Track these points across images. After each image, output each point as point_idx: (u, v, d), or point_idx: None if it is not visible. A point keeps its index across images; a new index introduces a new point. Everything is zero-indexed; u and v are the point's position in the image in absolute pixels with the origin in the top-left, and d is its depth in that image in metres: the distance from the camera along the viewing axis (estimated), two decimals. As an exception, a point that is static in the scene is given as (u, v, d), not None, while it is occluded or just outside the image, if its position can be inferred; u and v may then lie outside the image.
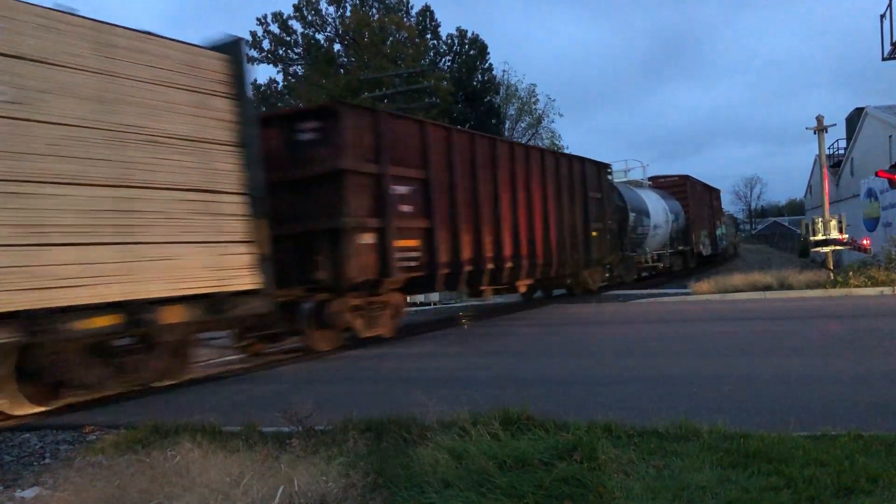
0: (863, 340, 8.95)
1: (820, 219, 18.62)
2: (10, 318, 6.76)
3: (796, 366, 7.44)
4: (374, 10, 43.91)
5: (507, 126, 48.59)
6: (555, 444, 4.29)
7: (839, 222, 18.48)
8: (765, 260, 36.41)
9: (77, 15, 7.63)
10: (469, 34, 46.27)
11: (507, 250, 14.84)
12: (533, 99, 49.60)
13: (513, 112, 49.97)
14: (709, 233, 33.39)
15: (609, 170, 20.97)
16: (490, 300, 18.05)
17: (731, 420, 4.91)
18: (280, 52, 44.13)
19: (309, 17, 43.71)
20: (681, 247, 28.81)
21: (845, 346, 8.57)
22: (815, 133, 19.48)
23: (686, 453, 4.29)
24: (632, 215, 22.44)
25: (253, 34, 43.29)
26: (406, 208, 12.00)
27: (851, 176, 30.91)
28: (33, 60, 7.13)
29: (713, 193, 36.58)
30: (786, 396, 5.98)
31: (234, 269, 8.89)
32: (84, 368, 7.77)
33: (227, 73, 9.09)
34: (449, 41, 46.55)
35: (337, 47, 44.53)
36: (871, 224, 24.11)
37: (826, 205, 19.20)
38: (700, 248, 31.18)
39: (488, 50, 46.39)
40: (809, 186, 43.55)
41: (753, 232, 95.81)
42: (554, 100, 65.32)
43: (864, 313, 12.38)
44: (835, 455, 4.07)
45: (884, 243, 19.63)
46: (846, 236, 18.69)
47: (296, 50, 44.18)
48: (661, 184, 29.75)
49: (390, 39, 40.91)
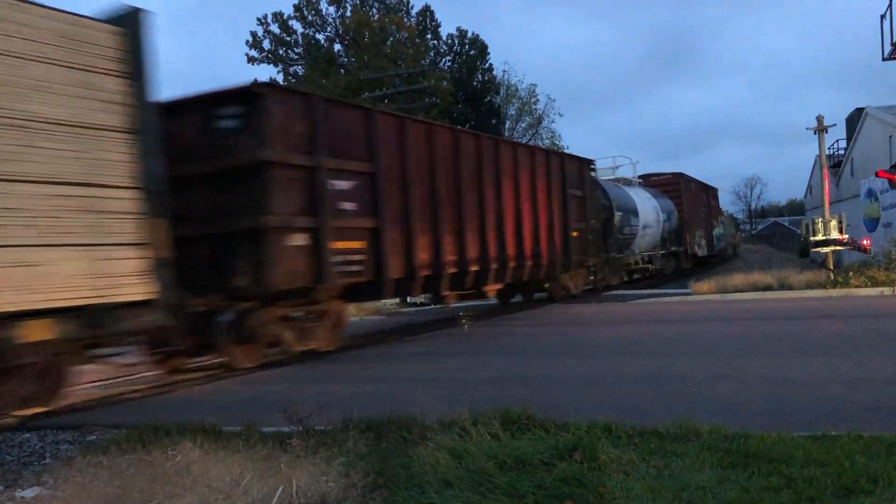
0: (863, 341, 8.96)
1: (820, 219, 18.64)
2: None
3: (796, 366, 7.44)
4: (375, 10, 43.97)
5: (508, 126, 48.64)
6: (555, 444, 4.30)
7: (839, 222, 18.50)
8: (765, 260, 36.43)
9: None
10: (469, 34, 46.38)
11: (473, 252, 13.68)
12: (533, 99, 49.71)
13: (513, 112, 50.06)
14: (705, 233, 32.47)
15: (592, 166, 20.07)
16: (453, 305, 16.47)
17: (731, 420, 4.92)
18: (280, 52, 44.19)
19: (309, 17, 43.77)
20: (673, 248, 27.82)
21: (845, 347, 8.57)
22: (816, 133, 19.51)
23: (686, 453, 4.30)
24: (618, 214, 21.45)
25: (253, 34, 43.39)
26: (348, 206, 10.76)
27: (851, 176, 30.92)
28: None
29: (710, 192, 35.58)
30: (786, 397, 5.99)
31: (120, 277, 7.45)
32: None
33: (122, 49, 7.67)
34: (449, 41, 46.64)
35: (337, 47, 44.61)
36: (872, 224, 24.12)
37: (826, 205, 19.22)
38: (695, 249, 30.19)
39: (488, 50, 46.53)
40: (809, 187, 43.56)
41: (753, 232, 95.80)
42: (554, 100, 65.33)
43: (865, 314, 12.39)
44: (835, 455, 4.07)
45: (884, 243, 19.64)
46: (846, 236, 18.71)
47: (296, 50, 44.24)
48: (654, 182, 28.81)
49: (390, 39, 40.96)
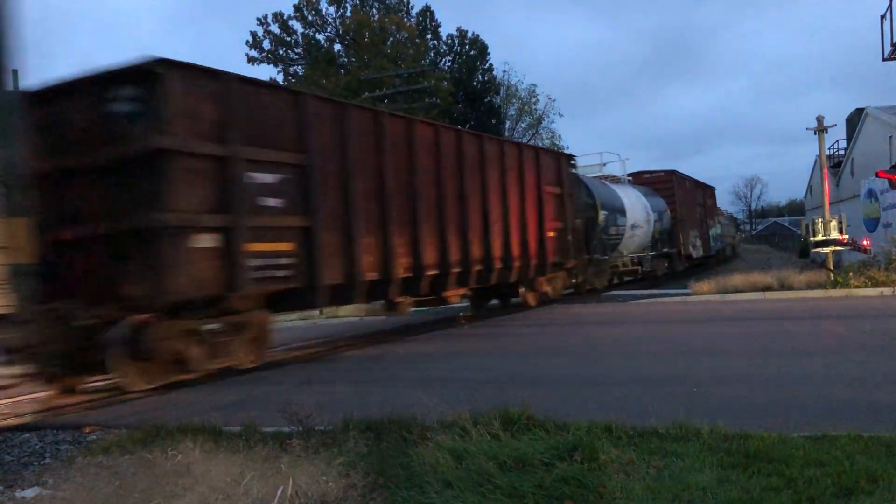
0: (863, 341, 8.96)
1: (820, 219, 18.65)
2: None
3: (796, 366, 7.44)
4: (375, 11, 43.98)
5: (508, 126, 48.65)
6: (555, 445, 4.30)
7: (839, 223, 18.51)
8: (765, 260, 36.34)
9: None
10: (469, 34, 46.38)
11: (430, 254, 12.60)
12: (533, 99, 49.74)
13: (513, 112, 50.09)
14: (700, 233, 31.37)
15: (572, 161, 19.13)
16: (408, 314, 14.83)
17: (732, 420, 4.91)
18: (280, 53, 44.18)
19: (309, 18, 43.77)
20: (665, 249, 26.63)
21: (845, 347, 8.57)
22: (816, 133, 19.53)
23: (686, 454, 4.30)
24: (603, 214, 20.46)
25: (253, 34, 43.39)
26: (272, 202, 9.64)
27: (851, 176, 30.89)
28: None
29: (706, 191, 34.54)
30: (785, 397, 5.99)
31: None
32: None
33: None
34: (449, 41, 46.64)
35: (337, 47, 44.61)
36: (872, 224, 24.11)
37: (826, 205, 19.23)
38: (689, 251, 29.08)
39: (489, 50, 46.53)
40: (810, 187, 43.53)
41: (753, 232, 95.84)
42: (554, 100, 65.02)
43: (865, 314, 12.39)
44: (835, 456, 4.07)
45: (884, 244, 19.64)
46: (846, 237, 18.71)
47: (296, 50, 44.23)
48: (645, 180, 27.70)
49: (390, 40, 40.97)
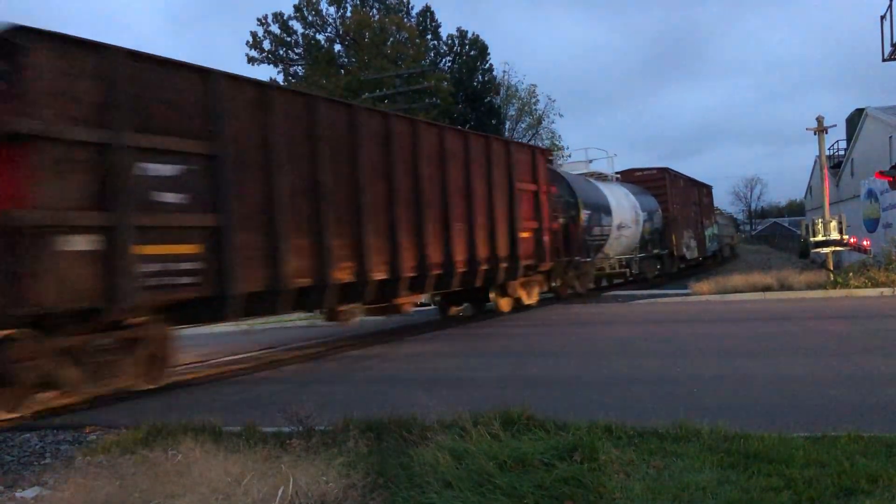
0: (863, 341, 8.96)
1: (820, 219, 18.66)
2: None
3: (796, 366, 7.45)
4: (375, 11, 43.97)
5: (508, 126, 48.64)
6: (555, 445, 4.30)
7: (839, 223, 18.52)
8: (765, 261, 36.31)
9: None
10: (469, 34, 46.33)
11: (378, 257, 11.29)
12: (533, 99, 49.64)
13: (513, 112, 50.04)
14: (695, 233, 30.24)
15: (549, 156, 18.07)
16: (354, 324, 12.87)
17: (732, 421, 4.92)
18: (280, 53, 44.16)
19: (309, 18, 43.76)
20: (656, 250, 25.51)
21: (846, 347, 8.58)
22: (816, 134, 19.53)
23: (686, 454, 4.30)
24: (585, 213, 19.33)
25: (253, 34, 43.36)
26: (172, 198, 8.40)
27: (852, 177, 30.90)
28: None
29: (702, 189, 33.16)
30: (786, 397, 6.00)
31: None
32: None
33: None
34: (449, 41, 46.62)
35: (337, 48, 44.61)
36: (872, 225, 24.12)
37: (826, 206, 19.23)
38: (683, 252, 27.88)
39: (489, 50, 46.45)
40: (810, 187, 43.54)
41: (753, 233, 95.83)
42: (554, 100, 64.78)
43: (865, 314, 12.40)
44: (835, 456, 4.08)
45: (884, 244, 19.65)
46: (847, 237, 18.71)
47: (296, 50, 44.23)
48: (636, 178, 26.76)
49: (391, 40, 40.95)
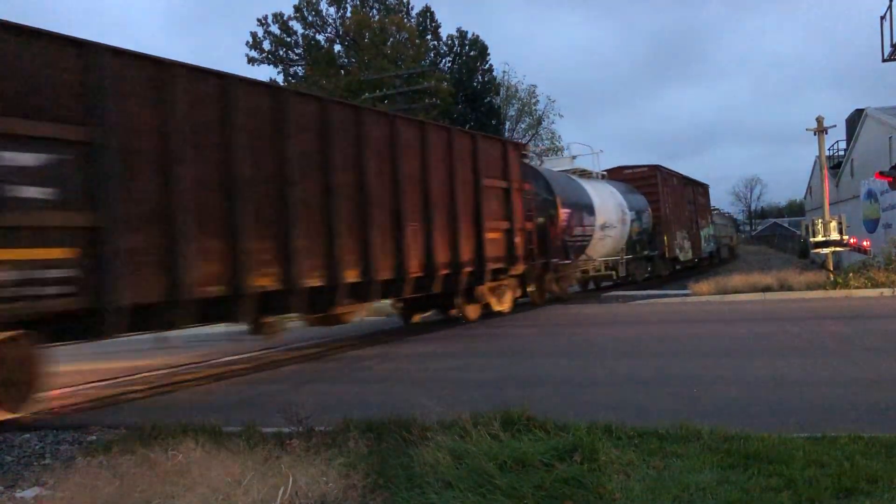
0: (863, 342, 8.96)
1: (820, 220, 18.65)
2: None
3: (796, 367, 7.44)
4: (375, 11, 44.01)
5: (508, 126, 48.66)
6: (555, 445, 4.30)
7: (839, 223, 18.52)
8: (764, 261, 36.35)
9: None
10: (469, 35, 46.41)
11: (310, 261, 9.87)
12: (533, 100, 49.71)
13: (513, 113, 50.08)
14: (689, 234, 29.13)
15: (524, 151, 16.94)
16: (281, 339, 11.15)
17: (731, 421, 4.92)
18: (280, 53, 44.22)
19: (309, 18, 43.82)
20: (646, 251, 24.39)
21: (846, 348, 8.57)
22: (816, 134, 19.52)
23: (686, 454, 4.30)
24: (565, 212, 18.09)
25: (253, 35, 43.43)
26: (33, 192, 7.01)
27: (851, 177, 30.91)
28: None
29: (697, 188, 32.06)
30: (785, 397, 5.99)
31: None
32: None
33: None
34: (449, 42, 46.68)
35: (337, 48, 44.65)
36: (871, 225, 24.13)
37: (826, 206, 19.23)
38: (675, 253, 26.70)
39: (489, 51, 46.56)
40: (809, 188, 43.56)
41: (753, 233, 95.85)
42: (554, 101, 64.74)
43: (865, 314, 12.40)
44: (835, 456, 4.08)
45: (884, 244, 19.65)
46: (847, 237, 18.71)
47: (296, 51, 44.28)
48: (626, 176, 25.68)
49: (391, 40, 40.98)
